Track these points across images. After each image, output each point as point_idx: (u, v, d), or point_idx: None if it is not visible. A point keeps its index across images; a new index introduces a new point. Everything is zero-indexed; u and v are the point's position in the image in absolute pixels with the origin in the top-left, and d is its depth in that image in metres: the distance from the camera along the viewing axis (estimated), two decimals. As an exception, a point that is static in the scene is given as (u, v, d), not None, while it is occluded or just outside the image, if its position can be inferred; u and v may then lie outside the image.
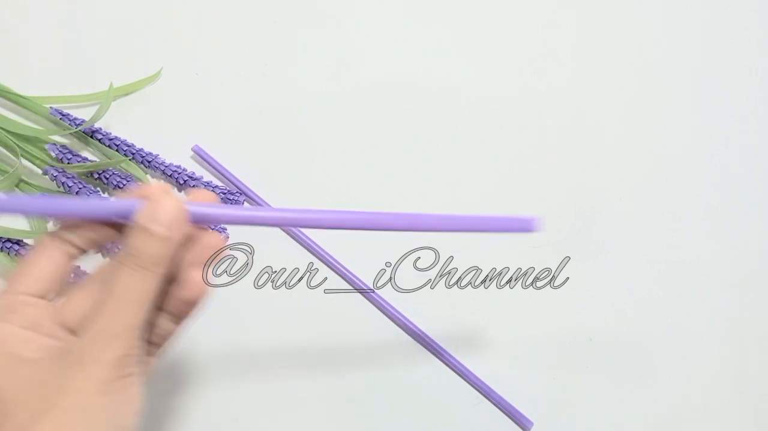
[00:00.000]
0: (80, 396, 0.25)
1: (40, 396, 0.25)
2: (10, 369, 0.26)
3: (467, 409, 0.46)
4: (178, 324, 0.31)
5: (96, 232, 0.30)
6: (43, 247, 0.29)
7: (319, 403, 0.45)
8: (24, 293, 0.29)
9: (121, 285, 0.27)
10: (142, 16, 0.52)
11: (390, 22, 0.54)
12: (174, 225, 0.28)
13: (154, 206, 0.28)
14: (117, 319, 0.27)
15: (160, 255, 0.28)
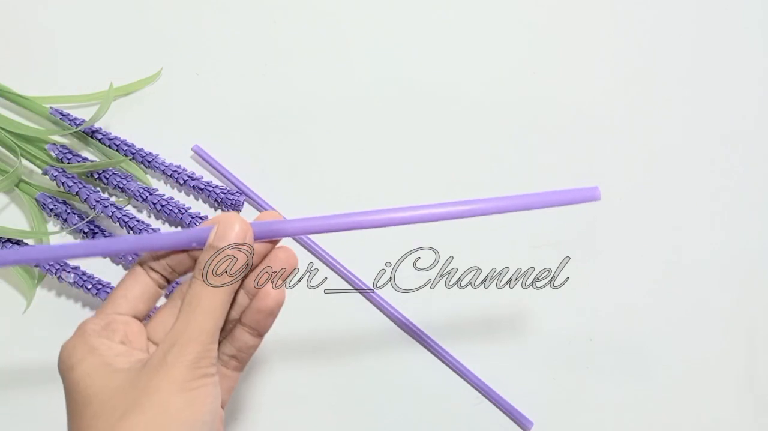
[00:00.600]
0: (161, 395, 0.28)
1: (128, 398, 0.28)
2: (104, 377, 0.29)
3: (467, 409, 0.46)
4: (257, 337, 0.34)
5: (175, 261, 0.33)
6: (135, 274, 0.33)
7: (320, 403, 0.45)
8: (120, 314, 0.32)
9: (195, 296, 0.31)
10: (142, 16, 0.52)
11: (390, 22, 0.54)
12: (239, 241, 0.31)
13: (222, 227, 0.31)
14: (191, 325, 0.30)
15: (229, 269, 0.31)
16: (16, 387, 0.45)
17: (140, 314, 0.33)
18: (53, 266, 0.45)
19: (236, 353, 0.34)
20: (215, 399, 0.30)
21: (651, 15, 0.55)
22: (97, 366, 0.30)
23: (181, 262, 0.33)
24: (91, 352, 0.30)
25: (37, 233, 0.46)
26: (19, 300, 0.46)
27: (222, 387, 0.34)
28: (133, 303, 0.33)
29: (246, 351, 0.34)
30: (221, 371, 0.34)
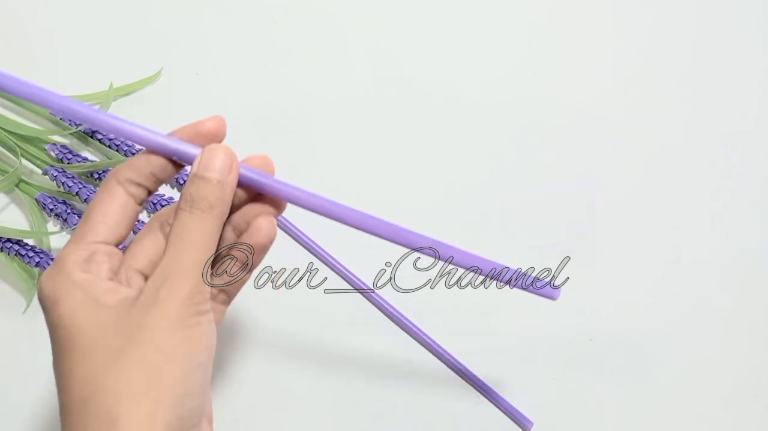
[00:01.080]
0: (155, 332, 0.27)
1: (119, 336, 0.27)
2: (92, 315, 0.27)
3: (467, 409, 0.46)
4: (246, 272, 0.33)
5: (157, 168, 0.31)
6: (110, 192, 0.30)
7: (319, 403, 0.45)
8: (99, 242, 0.30)
9: (183, 228, 0.29)
10: (142, 16, 0.52)
11: (390, 22, 0.54)
12: (225, 171, 0.30)
13: (208, 156, 0.30)
14: (183, 258, 0.28)
15: (215, 198, 0.29)
16: (16, 387, 0.45)
17: (121, 239, 0.31)
18: (53, 266, 0.45)
19: (225, 287, 0.33)
20: (211, 337, 0.29)
21: (651, 15, 0.55)
22: (83, 301, 0.28)
23: (166, 168, 0.31)
24: (75, 287, 0.28)
25: (37, 233, 0.46)
26: (19, 300, 0.46)
27: None
28: (114, 229, 0.30)
29: (235, 286, 0.33)
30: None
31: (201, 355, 0.28)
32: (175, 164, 0.31)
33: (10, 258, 0.45)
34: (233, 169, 0.30)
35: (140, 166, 0.30)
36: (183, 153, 0.30)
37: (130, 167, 0.30)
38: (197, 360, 0.28)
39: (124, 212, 0.30)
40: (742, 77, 0.54)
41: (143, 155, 0.31)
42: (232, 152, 0.30)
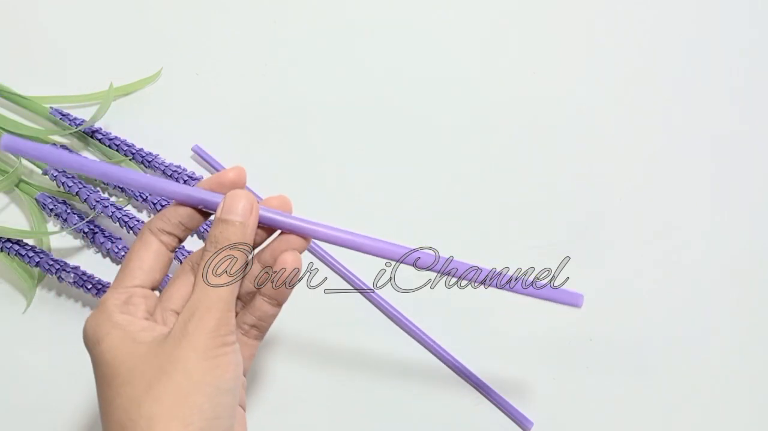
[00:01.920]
0: (185, 363, 0.29)
1: (153, 368, 0.30)
2: (130, 350, 0.30)
3: (467, 409, 0.46)
4: (276, 307, 0.35)
5: (185, 218, 0.34)
6: (145, 241, 0.34)
7: (319, 402, 0.45)
8: (137, 287, 0.33)
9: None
10: (142, 16, 0.53)
11: (390, 22, 0.54)
12: (246, 214, 0.33)
13: (230, 201, 0.33)
14: (208, 294, 0.31)
15: (237, 238, 0.32)
16: (16, 387, 0.45)
17: (156, 283, 0.34)
18: (53, 266, 0.45)
19: (256, 322, 0.35)
20: (237, 366, 0.31)
21: (651, 15, 0.55)
22: (122, 339, 0.31)
23: (193, 217, 0.34)
24: (115, 327, 0.31)
25: (37, 233, 0.46)
26: (19, 300, 0.46)
27: (243, 355, 0.35)
28: (149, 274, 0.33)
29: (266, 320, 0.35)
30: (242, 340, 0.35)
31: (228, 382, 0.30)
32: (202, 213, 0.34)
33: (10, 258, 0.45)
34: (253, 211, 0.33)
35: (170, 216, 0.34)
36: (208, 202, 0.33)
37: (162, 217, 0.34)
38: (224, 387, 0.30)
39: (157, 258, 0.34)
40: (742, 77, 0.54)
41: (172, 206, 0.34)
42: (251, 197, 0.33)
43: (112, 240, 0.46)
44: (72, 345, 0.45)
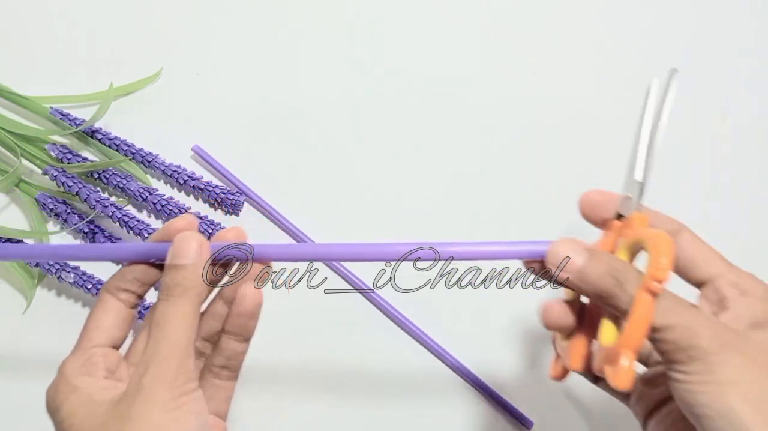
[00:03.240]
0: (143, 419, 0.28)
1: (113, 428, 0.29)
2: (88, 412, 0.29)
3: (467, 409, 0.46)
4: (243, 343, 0.34)
5: (139, 274, 0.33)
6: (104, 302, 0.33)
7: (318, 402, 0.45)
8: (95, 346, 0.32)
9: (161, 316, 0.30)
10: (142, 16, 0.53)
11: (390, 22, 0.54)
12: (195, 255, 0.31)
13: (177, 245, 0.31)
14: (162, 344, 0.30)
15: (188, 282, 0.31)
16: (16, 387, 0.45)
17: (118, 341, 0.33)
18: (53, 266, 0.45)
19: (226, 362, 0.34)
20: (199, 415, 0.30)
21: (651, 15, 0.55)
22: (81, 402, 0.30)
23: (147, 272, 0.33)
24: (74, 391, 0.30)
25: (37, 233, 0.46)
26: (19, 300, 0.46)
27: (219, 398, 0.34)
28: (108, 332, 0.33)
29: (235, 359, 0.34)
30: (215, 383, 0.34)
31: (198, 428, 0.29)
32: (157, 266, 0.33)
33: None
34: (203, 250, 0.31)
35: (125, 274, 0.33)
36: (157, 253, 0.32)
37: (116, 277, 0.33)
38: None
39: (117, 316, 0.33)
40: (742, 76, 0.54)
41: (126, 265, 0.33)
42: (199, 236, 0.32)
43: (112, 240, 0.46)
44: (72, 345, 0.46)
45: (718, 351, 0.28)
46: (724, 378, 0.27)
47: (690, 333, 0.28)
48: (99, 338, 0.32)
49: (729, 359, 0.28)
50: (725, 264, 0.33)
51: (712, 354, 0.28)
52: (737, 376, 0.27)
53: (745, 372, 0.27)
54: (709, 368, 0.28)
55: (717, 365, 0.27)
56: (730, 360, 0.28)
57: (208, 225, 0.47)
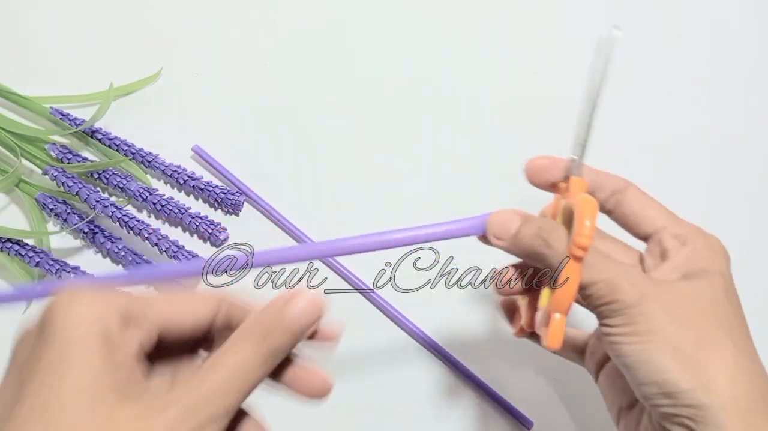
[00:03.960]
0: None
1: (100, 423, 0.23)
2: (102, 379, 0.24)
3: (467, 409, 0.46)
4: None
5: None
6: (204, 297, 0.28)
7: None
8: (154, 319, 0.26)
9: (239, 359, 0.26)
10: (142, 16, 0.53)
11: (390, 22, 0.54)
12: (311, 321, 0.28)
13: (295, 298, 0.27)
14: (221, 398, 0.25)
15: (288, 345, 0.27)
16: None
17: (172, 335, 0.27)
18: (53, 267, 0.45)
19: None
20: None
21: (651, 15, 0.55)
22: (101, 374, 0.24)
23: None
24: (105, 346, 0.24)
25: (36, 232, 0.46)
26: (19, 300, 0.46)
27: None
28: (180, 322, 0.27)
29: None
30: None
31: None
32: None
33: (10, 258, 0.45)
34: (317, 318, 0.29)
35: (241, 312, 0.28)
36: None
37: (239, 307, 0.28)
38: None
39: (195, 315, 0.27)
40: (742, 76, 0.54)
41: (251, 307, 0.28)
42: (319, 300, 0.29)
43: (112, 240, 0.46)
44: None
45: (638, 303, 0.29)
46: (643, 328, 0.29)
47: (611, 288, 0.29)
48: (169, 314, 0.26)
49: (648, 310, 0.29)
50: (671, 218, 0.34)
51: (632, 306, 0.29)
52: (656, 326, 0.29)
53: (663, 321, 0.29)
54: (630, 319, 0.29)
55: (637, 316, 0.29)
56: (649, 311, 0.29)
57: (208, 225, 0.47)
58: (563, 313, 0.30)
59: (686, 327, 0.29)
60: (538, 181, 0.35)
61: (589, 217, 0.28)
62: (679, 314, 0.29)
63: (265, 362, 0.26)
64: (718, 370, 0.28)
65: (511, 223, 0.32)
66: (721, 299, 0.31)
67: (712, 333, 0.29)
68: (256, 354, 0.26)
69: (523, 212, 0.32)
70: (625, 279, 0.29)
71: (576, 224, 0.29)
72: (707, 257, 0.32)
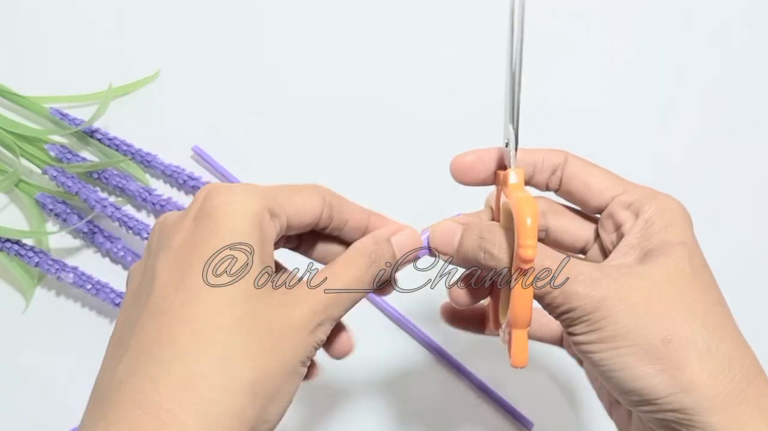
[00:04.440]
0: (293, 358, 0.26)
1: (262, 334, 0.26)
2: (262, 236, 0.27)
3: (467, 409, 0.46)
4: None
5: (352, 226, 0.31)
6: (312, 190, 0.30)
7: (318, 401, 0.45)
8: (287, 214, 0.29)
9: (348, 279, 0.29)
10: (141, 16, 0.52)
11: (389, 23, 0.53)
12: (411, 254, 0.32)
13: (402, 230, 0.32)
14: (338, 305, 0.29)
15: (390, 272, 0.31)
16: (15, 387, 0.45)
17: (291, 228, 0.30)
18: (53, 266, 0.45)
19: None
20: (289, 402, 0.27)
21: (651, 16, 0.55)
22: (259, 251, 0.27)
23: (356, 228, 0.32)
24: (259, 235, 0.27)
25: (36, 232, 0.46)
26: (18, 300, 0.46)
27: None
28: (300, 216, 0.29)
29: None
30: None
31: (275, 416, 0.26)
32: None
33: (10, 258, 0.45)
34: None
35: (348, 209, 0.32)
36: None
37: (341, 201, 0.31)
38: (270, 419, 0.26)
39: (311, 216, 0.30)
40: (742, 76, 0.54)
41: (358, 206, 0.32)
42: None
43: (112, 240, 0.46)
44: (72, 345, 0.46)
45: (597, 308, 0.27)
46: (609, 334, 0.27)
47: (566, 296, 0.27)
48: (293, 209, 0.29)
49: (610, 312, 0.27)
50: (619, 184, 0.31)
51: (592, 311, 0.27)
52: (622, 329, 0.27)
53: (628, 322, 0.27)
54: (593, 326, 0.27)
55: (599, 321, 0.27)
56: (611, 314, 0.27)
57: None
58: (523, 327, 0.28)
59: (654, 324, 0.26)
60: (467, 180, 0.32)
61: (531, 224, 0.26)
62: (642, 309, 0.27)
63: (371, 281, 0.30)
64: (694, 368, 0.26)
65: (453, 235, 0.31)
66: (686, 277, 0.28)
67: (681, 323, 0.27)
68: (366, 274, 0.30)
69: (464, 219, 0.31)
70: (579, 284, 0.27)
71: (517, 236, 0.26)
72: (664, 225, 0.29)
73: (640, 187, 0.31)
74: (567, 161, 0.32)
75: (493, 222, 0.31)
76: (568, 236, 0.33)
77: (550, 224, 0.32)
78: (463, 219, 0.31)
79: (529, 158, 0.32)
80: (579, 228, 0.33)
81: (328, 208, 0.30)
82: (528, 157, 0.32)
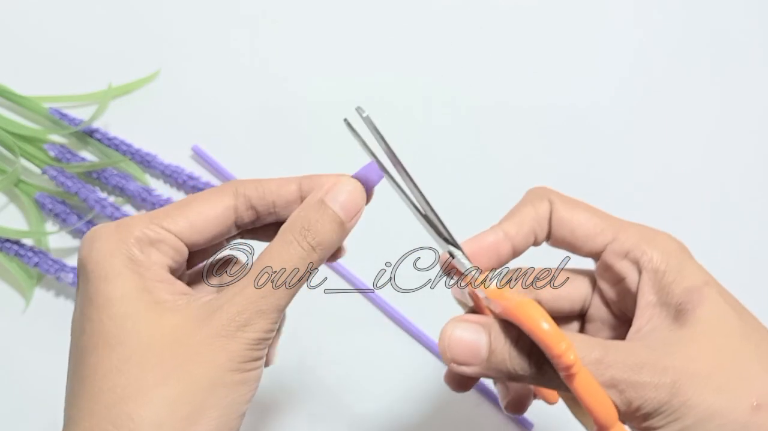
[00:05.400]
0: (213, 370, 0.24)
1: (173, 358, 0.24)
2: (149, 315, 0.24)
3: (468, 409, 0.46)
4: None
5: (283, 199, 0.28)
6: (219, 195, 0.27)
7: (318, 402, 0.45)
8: (176, 234, 0.26)
9: (285, 259, 0.27)
10: (141, 16, 0.52)
11: (389, 23, 0.53)
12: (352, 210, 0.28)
13: (335, 186, 0.28)
14: (269, 296, 0.26)
15: (334, 241, 0.27)
16: (15, 387, 0.45)
17: (197, 244, 0.27)
18: (52, 266, 0.45)
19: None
20: (255, 390, 0.26)
21: (651, 17, 0.55)
22: (140, 294, 0.25)
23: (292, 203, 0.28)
24: (133, 269, 0.25)
25: (35, 232, 0.46)
26: (18, 300, 0.46)
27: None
28: (200, 228, 0.27)
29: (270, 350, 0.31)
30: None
31: (244, 406, 0.25)
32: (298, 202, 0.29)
33: (9, 258, 0.45)
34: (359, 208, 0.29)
35: (269, 190, 0.28)
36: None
37: (258, 186, 0.28)
38: (240, 410, 0.25)
39: (217, 220, 0.27)
40: (742, 78, 0.54)
41: (281, 181, 0.28)
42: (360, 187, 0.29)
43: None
44: (69, 345, 0.45)
45: (676, 394, 0.24)
46: (693, 421, 0.24)
47: (638, 390, 0.24)
48: (186, 228, 0.26)
49: (687, 397, 0.24)
50: (607, 227, 0.29)
51: (667, 401, 0.24)
52: (705, 412, 0.24)
53: (711, 401, 0.24)
54: (674, 416, 0.24)
55: (679, 409, 0.24)
56: (688, 398, 0.24)
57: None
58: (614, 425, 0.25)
59: (735, 394, 0.24)
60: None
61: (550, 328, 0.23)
62: (716, 381, 0.24)
63: (310, 256, 0.27)
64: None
65: (479, 345, 0.26)
66: (733, 322, 0.26)
67: (760, 383, 0.24)
68: (298, 249, 0.27)
69: (483, 321, 0.27)
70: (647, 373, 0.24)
71: (544, 347, 0.23)
72: (678, 271, 0.27)
73: (629, 228, 0.29)
74: (554, 204, 0.30)
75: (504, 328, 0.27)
76: (565, 302, 0.31)
77: (541, 298, 0.30)
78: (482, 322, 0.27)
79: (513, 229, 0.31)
80: (573, 290, 0.31)
81: (243, 201, 0.28)
82: (512, 228, 0.31)
